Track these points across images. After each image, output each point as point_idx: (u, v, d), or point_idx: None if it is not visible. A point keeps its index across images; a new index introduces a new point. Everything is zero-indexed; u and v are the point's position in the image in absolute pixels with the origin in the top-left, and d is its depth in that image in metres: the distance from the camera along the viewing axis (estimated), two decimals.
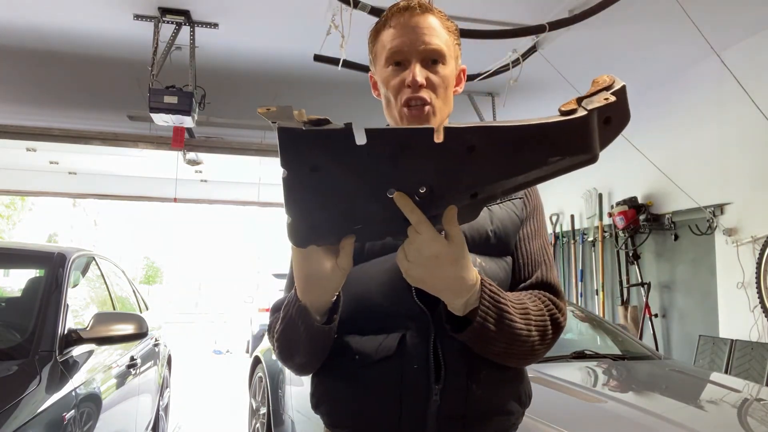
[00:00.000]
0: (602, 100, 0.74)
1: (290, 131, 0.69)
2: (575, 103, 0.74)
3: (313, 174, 0.72)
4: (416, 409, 0.95)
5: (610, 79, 0.77)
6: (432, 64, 0.99)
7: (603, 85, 0.76)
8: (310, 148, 0.70)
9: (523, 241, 1.06)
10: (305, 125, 0.70)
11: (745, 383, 2.79)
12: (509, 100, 5.11)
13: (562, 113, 0.73)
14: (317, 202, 0.75)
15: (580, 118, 0.72)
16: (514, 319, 0.90)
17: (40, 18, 4.08)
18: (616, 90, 0.75)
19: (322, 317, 0.92)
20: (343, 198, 0.75)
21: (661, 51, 4.42)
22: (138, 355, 3.10)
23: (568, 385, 2.31)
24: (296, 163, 0.71)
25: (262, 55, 4.67)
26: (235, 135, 6.64)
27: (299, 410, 3.19)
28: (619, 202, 5.18)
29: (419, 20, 0.99)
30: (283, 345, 0.97)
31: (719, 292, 4.37)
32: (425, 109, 0.98)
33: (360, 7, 3.26)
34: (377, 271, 0.97)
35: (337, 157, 0.71)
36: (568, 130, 0.73)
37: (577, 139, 0.73)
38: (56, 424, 1.83)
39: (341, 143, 0.70)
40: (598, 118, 0.73)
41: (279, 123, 0.70)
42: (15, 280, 3.18)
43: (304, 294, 0.90)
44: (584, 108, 0.73)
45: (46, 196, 10.96)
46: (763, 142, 3.99)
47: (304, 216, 0.77)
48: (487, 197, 0.79)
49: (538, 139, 0.73)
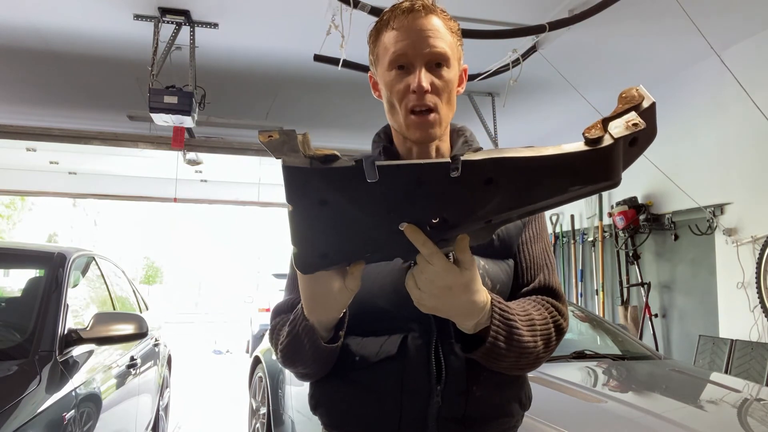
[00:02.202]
0: (631, 126, 0.68)
1: (296, 170, 0.66)
2: (601, 127, 0.69)
3: (320, 207, 0.69)
4: (417, 411, 0.95)
5: (639, 95, 0.71)
6: (436, 68, 0.97)
7: (631, 103, 0.70)
8: (318, 185, 0.68)
9: (525, 245, 1.06)
10: (312, 162, 0.66)
11: (745, 383, 2.79)
12: (509, 100, 5.10)
13: (588, 141, 0.68)
14: (325, 233, 0.73)
15: (607, 147, 0.68)
16: (522, 334, 0.91)
17: (40, 18, 4.08)
18: (645, 110, 0.70)
19: (327, 333, 0.92)
20: (352, 229, 0.73)
21: (661, 51, 4.42)
22: (138, 355, 3.10)
23: (568, 385, 2.31)
24: (303, 199, 0.69)
25: (262, 55, 4.67)
26: (235, 135, 6.63)
27: (299, 410, 3.19)
28: (619, 202, 5.18)
29: (423, 22, 0.97)
30: (286, 356, 0.97)
31: (719, 292, 4.37)
32: (431, 116, 0.97)
33: (360, 7, 3.26)
34: (379, 274, 0.97)
35: (347, 193, 0.68)
36: (593, 159, 0.68)
37: (602, 168, 0.69)
38: (56, 424, 1.83)
39: (352, 180, 0.67)
40: (624, 141, 0.69)
41: (284, 160, 0.66)
42: (15, 280, 3.18)
43: (310, 313, 0.89)
44: (611, 136, 0.68)
45: (46, 196, 10.96)
46: (763, 142, 3.98)
47: (312, 247, 0.75)
48: (502, 221, 0.76)
49: (560, 169, 0.69)
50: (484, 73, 4.39)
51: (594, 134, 0.68)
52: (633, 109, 0.70)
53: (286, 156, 0.66)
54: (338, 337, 0.93)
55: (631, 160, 0.73)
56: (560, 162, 0.69)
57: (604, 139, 0.68)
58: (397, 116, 1.00)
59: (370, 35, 1.05)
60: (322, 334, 0.91)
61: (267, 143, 0.68)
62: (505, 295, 1.01)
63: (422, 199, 0.70)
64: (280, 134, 0.68)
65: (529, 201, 0.72)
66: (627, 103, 0.71)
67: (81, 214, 30.22)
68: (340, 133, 6.81)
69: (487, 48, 3.88)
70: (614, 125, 0.69)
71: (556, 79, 4.49)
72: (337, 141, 7.06)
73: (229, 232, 41.49)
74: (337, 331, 0.93)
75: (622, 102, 0.71)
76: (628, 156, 0.71)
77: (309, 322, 0.90)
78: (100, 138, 5.99)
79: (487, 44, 3.78)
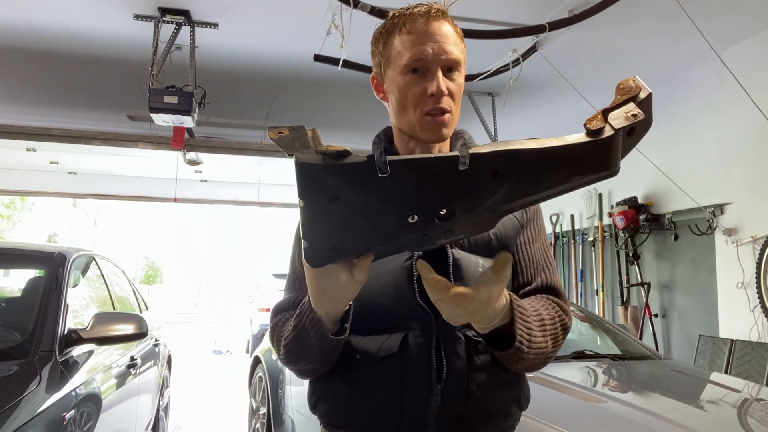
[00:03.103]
0: (630, 117, 0.71)
1: (309, 166, 0.67)
2: (601, 118, 0.71)
3: (332, 203, 0.70)
4: (417, 409, 0.96)
5: (636, 86, 0.73)
6: (449, 72, 0.99)
7: (629, 94, 0.72)
8: (330, 180, 0.69)
9: (524, 245, 1.07)
10: (325, 158, 0.67)
11: (745, 383, 2.79)
12: (509, 100, 5.10)
13: (589, 132, 0.70)
14: (336, 227, 0.74)
15: (608, 138, 0.70)
16: (536, 335, 0.94)
17: (40, 18, 4.08)
18: (642, 100, 0.72)
19: (333, 326, 0.93)
20: (363, 223, 0.74)
21: (661, 51, 4.42)
22: (138, 355, 3.10)
23: (568, 385, 2.31)
24: (315, 194, 0.70)
25: (262, 55, 4.67)
26: (235, 135, 6.64)
27: (299, 410, 3.19)
28: (619, 202, 5.18)
29: (439, 28, 0.99)
30: (291, 351, 0.98)
31: (719, 292, 4.37)
32: (445, 117, 0.99)
33: (360, 7, 3.26)
34: (381, 272, 0.97)
35: (358, 188, 0.70)
36: (594, 150, 0.71)
37: (602, 158, 0.72)
38: (56, 424, 1.83)
39: (363, 175, 0.68)
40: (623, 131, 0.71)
41: (297, 157, 0.67)
42: (15, 280, 3.18)
43: (317, 305, 0.90)
44: (612, 127, 0.70)
45: (46, 196, 10.97)
46: (763, 142, 3.98)
47: (323, 241, 0.76)
48: (506, 211, 0.79)
49: (564, 160, 0.71)
50: (484, 73, 4.39)
51: (595, 125, 0.70)
52: (631, 99, 0.72)
53: (298, 152, 0.67)
54: (344, 329, 0.94)
55: (628, 149, 0.75)
56: (564, 153, 0.71)
57: (604, 130, 0.70)
58: (408, 117, 1.01)
59: (377, 37, 1.05)
60: (329, 326, 0.92)
61: (278, 140, 0.69)
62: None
63: (431, 193, 0.72)
64: (290, 131, 0.69)
65: (534, 191, 0.75)
66: (625, 94, 0.73)
67: (81, 214, 30.22)
68: (340, 133, 6.82)
69: (487, 48, 3.88)
70: (614, 116, 0.71)
71: (556, 79, 4.49)
72: (336, 141, 6.99)
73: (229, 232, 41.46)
74: (342, 324, 0.94)
75: (620, 93, 0.73)
76: (626, 145, 0.74)
77: (316, 315, 0.91)
78: (100, 138, 5.99)
79: (487, 44, 3.78)
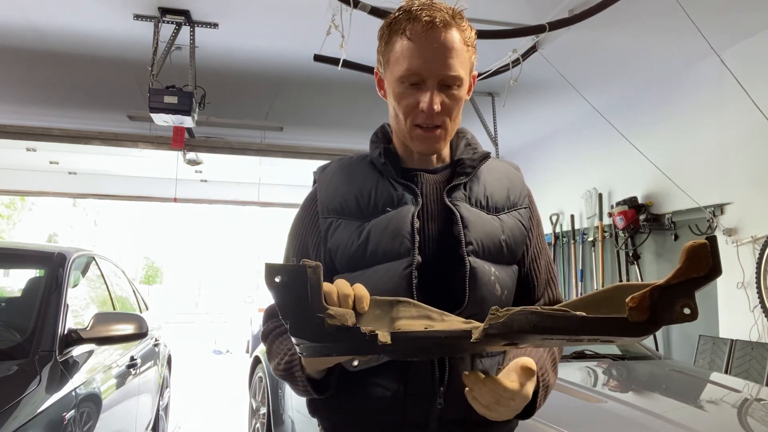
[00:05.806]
0: (681, 314, 0.60)
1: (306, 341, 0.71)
2: (647, 305, 0.60)
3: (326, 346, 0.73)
4: (419, 412, 0.96)
5: (706, 262, 0.59)
6: (447, 87, 0.97)
7: (696, 271, 0.59)
8: (328, 348, 0.72)
9: (533, 261, 1.09)
10: (324, 338, 0.68)
11: (745, 383, 2.79)
12: (509, 100, 5.10)
13: (630, 319, 0.60)
14: (329, 350, 0.75)
15: (646, 329, 0.62)
16: (550, 385, 1.01)
17: (40, 18, 4.08)
18: (705, 277, 0.60)
19: (320, 375, 0.95)
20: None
21: (661, 51, 4.42)
22: (138, 355, 3.10)
23: (568, 385, 2.31)
24: (311, 341, 0.72)
25: (262, 55, 4.67)
26: (235, 135, 6.64)
27: (299, 410, 3.19)
28: (619, 202, 5.17)
29: (441, 40, 0.94)
30: (281, 379, 1.02)
31: (719, 292, 4.37)
32: (437, 132, 0.97)
33: (360, 7, 3.26)
34: (380, 278, 0.96)
35: (356, 353, 0.74)
36: (629, 331, 0.63)
37: (635, 334, 0.64)
38: (56, 424, 1.83)
39: (364, 348, 0.71)
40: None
41: (295, 342, 0.71)
42: (15, 280, 3.18)
43: (308, 365, 0.92)
44: (655, 320, 0.61)
45: (46, 196, 10.95)
46: (763, 142, 3.98)
47: (321, 354, 0.77)
48: None
49: (591, 337, 0.66)
50: (484, 73, 4.39)
51: (638, 317, 0.60)
52: (694, 281, 0.59)
53: (295, 327, 0.67)
54: (330, 384, 0.96)
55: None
56: (591, 333, 0.64)
57: (648, 326, 0.61)
58: (401, 126, 1.00)
59: (382, 32, 1.02)
60: (316, 376, 0.94)
61: (274, 289, 0.67)
62: (510, 300, 1.04)
63: (434, 352, 0.77)
64: (287, 273, 0.67)
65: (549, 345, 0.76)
66: (691, 267, 0.59)
67: (81, 214, 30.19)
68: (340, 132, 6.81)
69: (487, 48, 3.87)
70: (663, 306, 0.59)
71: (556, 79, 4.49)
72: (337, 141, 7.06)
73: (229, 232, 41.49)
74: (329, 375, 0.96)
75: (687, 262, 0.60)
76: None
77: (307, 374, 0.93)
78: (100, 138, 6.00)
79: (487, 44, 3.77)
